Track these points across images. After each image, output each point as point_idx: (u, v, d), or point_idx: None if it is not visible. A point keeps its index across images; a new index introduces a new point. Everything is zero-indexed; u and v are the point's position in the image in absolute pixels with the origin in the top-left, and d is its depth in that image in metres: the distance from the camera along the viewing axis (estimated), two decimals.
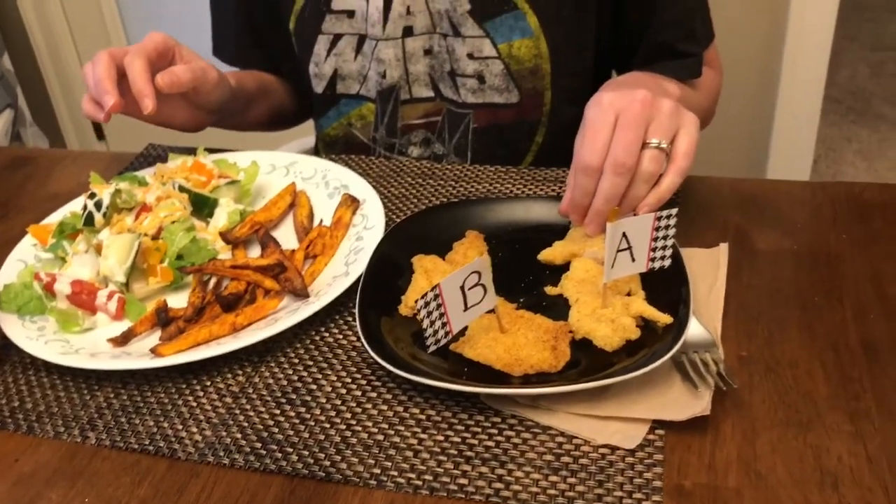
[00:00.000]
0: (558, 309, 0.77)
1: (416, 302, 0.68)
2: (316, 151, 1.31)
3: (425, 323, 0.69)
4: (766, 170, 2.34)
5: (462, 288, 0.69)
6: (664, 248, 0.75)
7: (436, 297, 0.68)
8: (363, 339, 0.74)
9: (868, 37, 3.64)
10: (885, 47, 3.55)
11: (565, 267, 0.82)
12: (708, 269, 0.82)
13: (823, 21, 2.14)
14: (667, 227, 0.74)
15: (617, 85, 0.84)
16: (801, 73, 2.21)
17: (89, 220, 0.89)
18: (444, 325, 0.70)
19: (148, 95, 0.92)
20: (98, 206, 0.89)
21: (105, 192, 0.90)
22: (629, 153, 0.77)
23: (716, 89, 1.16)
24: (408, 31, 1.08)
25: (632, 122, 0.78)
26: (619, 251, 0.73)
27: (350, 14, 1.10)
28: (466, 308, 0.70)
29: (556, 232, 0.86)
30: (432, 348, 0.70)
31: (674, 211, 0.74)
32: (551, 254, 0.83)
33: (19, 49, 2.72)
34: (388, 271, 0.84)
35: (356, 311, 0.78)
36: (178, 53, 1.00)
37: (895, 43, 3.59)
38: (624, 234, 0.73)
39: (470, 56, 1.08)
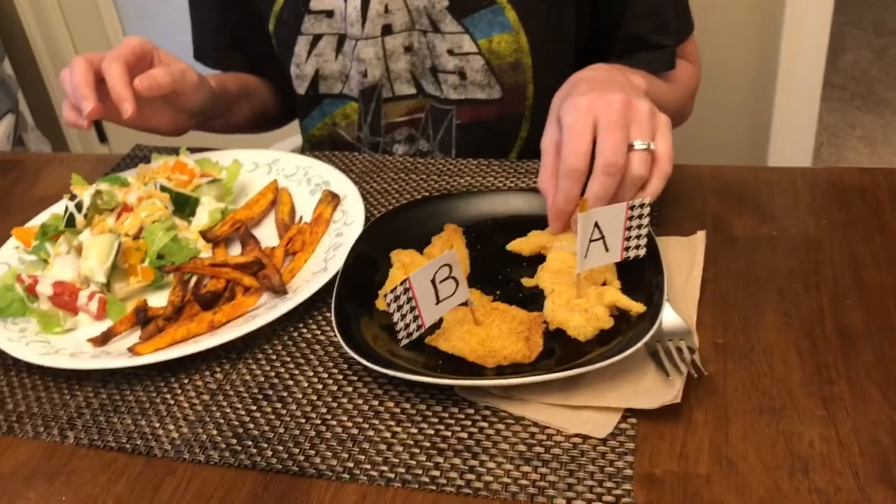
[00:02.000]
0: (535, 300, 0.77)
1: (385, 295, 0.68)
2: (303, 152, 1.31)
3: (396, 317, 0.69)
4: (766, 158, 2.33)
5: (433, 281, 0.69)
6: (639, 237, 0.75)
7: (406, 290, 0.68)
8: (338, 334, 0.74)
9: (871, 22, 3.61)
10: (888, 32, 3.53)
11: (542, 258, 0.82)
12: (685, 258, 0.82)
13: (821, 5, 2.12)
14: (640, 216, 0.74)
15: (588, 84, 0.83)
16: (800, 59, 2.19)
17: (70, 222, 0.90)
18: (415, 318, 0.70)
19: (127, 99, 0.93)
20: (79, 207, 0.90)
21: (85, 194, 0.91)
22: (620, 153, 0.76)
23: (692, 84, 1.15)
24: (387, 30, 1.08)
25: (615, 124, 0.77)
26: (591, 241, 0.73)
27: (329, 14, 1.10)
28: (438, 301, 0.71)
29: (535, 224, 0.86)
30: (404, 342, 0.70)
31: (647, 200, 0.74)
32: (519, 245, 0.83)
33: (20, 54, 2.74)
34: (366, 266, 0.84)
35: (332, 306, 0.78)
36: (156, 57, 1.00)
37: None
38: (596, 224, 0.73)
39: (450, 52, 1.08)
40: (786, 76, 2.21)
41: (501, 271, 0.83)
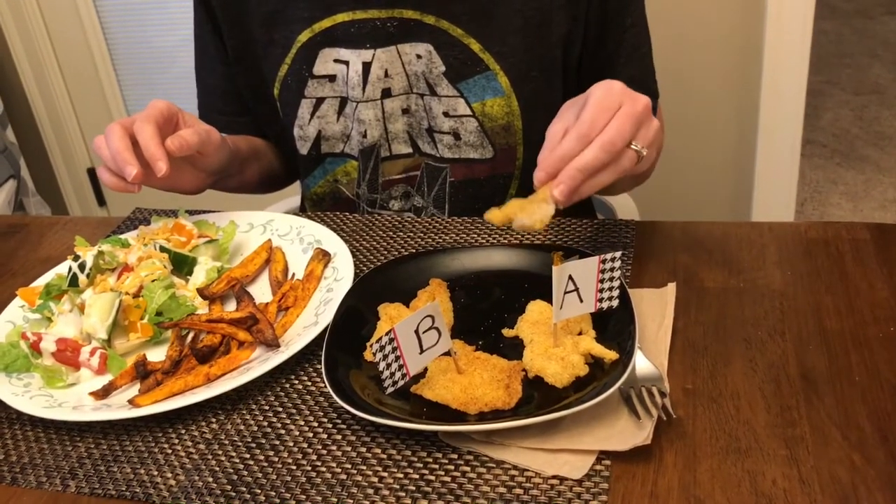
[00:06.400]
0: (514, 349, 0.82)
1: (371, 346, 0.72)
2: (303, 209, 1.37)
3: (381, 366, 0.73)
4: (750, 214, 2.39)
5: (417, 331, 0.74)
6: (611, 288, 0.80)
7: (391, 340, 0.72)
8: (328, 384, 0.78)
9: (849, 81, 3.72)
10: (866, 91, 3.63)
11: (522, 309, 0.86)
12: (657, 308, 0.86)
13: (797, 66, 2.20)
14: (612, 269, 0.79)
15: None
16: (779, 118, 2.27)
17: (73, 281, 0.94)
18: (400, 367, 0.74)
19: (161, 159, 0.97)
20: (82, 267, 0.94)
21: (88, 254, 0.95)
22: (623, 140, 0.83)
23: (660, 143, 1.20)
24: (386, 93, 1.14)
25: (632, 117, 0.83)
26: (566, 293, 0.78)
27: (331, 78, 1.16)
28: (422, 351, 0.75)
29: (516, 277, 0.91)
30: (390, 390, 0.74)
31: (618, 254, 0.78)
32: (493, 214, 0.86)
33: (22, 121, 2.81)
34: (355, 320, 0.88)
35: (322, 358, 0.82)
36: (181, 119, 1.06)
37: (876, 87, 3.67)
38: (570, 277, 0.78)
39: (446, 114, 1.14)
40: (766, 135, 2.28)
41: (483, 323, 0.87)
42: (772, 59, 2.18)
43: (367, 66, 1.13)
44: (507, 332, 0.85)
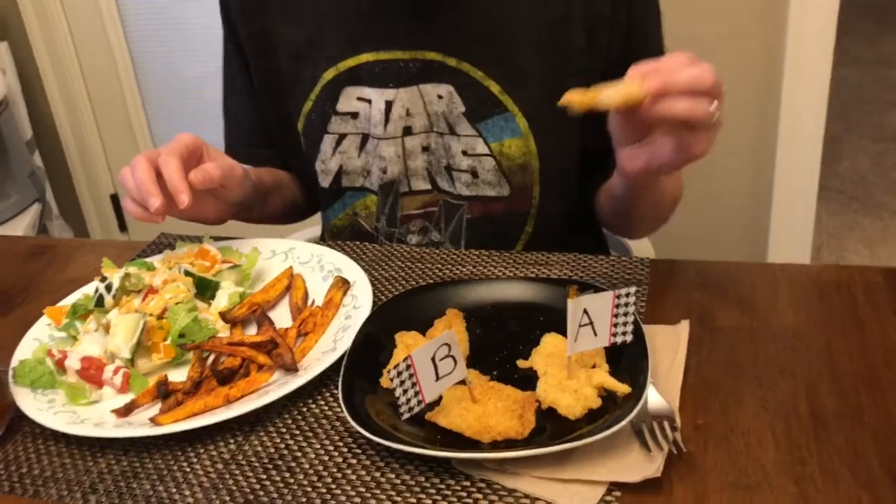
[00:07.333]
0: (528, 381, 0.83)
1: (388, 372, 0.74)
2: (322, 240, 1.39)
3: (398, 392, 0.75)
4: (766, 259, 2.40)
5: (433, 359, 0.75)
6: (625, 323, 0.81)
7: (408, 367, 0.74)
8: (344, 409, 0.80)
9: (868, 128, 3.73)
10: (885, 138, 3.65)
11: (536, 341, 0.87)
12: (670, 345, 0.88)
13: (815, 112, 2.22)
14: (626, 304, 0.80)
15: None
16: (796, 164, 2.28)
17: (100, 302, 0.97)
18: (416, 393, 0.76)
19: (184, 191, 1.00)
20: (108, 288, 0.97)
21: (115, 276, 0.98)
22: (711, 77, 0.82)
23: (679, 191, 1.21)
24: (407, 131, 1.17)
25: (714, 75, 0.83)
26: (581, 326, 0.80)
27: (354, 115, 1.19)
28: (438, 378, 0.76)
29: (531, 309, 0.93)
30: (406, 416, 0.76)
31: (632, 289, 0.80)
32: (570, 96, 0.84)
33: (50, 146, 2.87)
34: (372, 347, 0.90)
35: (339, 383, 0.84)
36: (206, 152, 1.09)
37: (895, 134, 3.69)
38: (585, 311, 0.79)
39: (464, 153, 1.16)
40: (783, 180, 2.30)
41: (498, 353, 0.89)
42: (789, 104, 2.20)
43: (389, 105, 1.16)
44: (521, 363, 0.86)
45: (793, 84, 2.17)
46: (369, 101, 1.17)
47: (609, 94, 0.82)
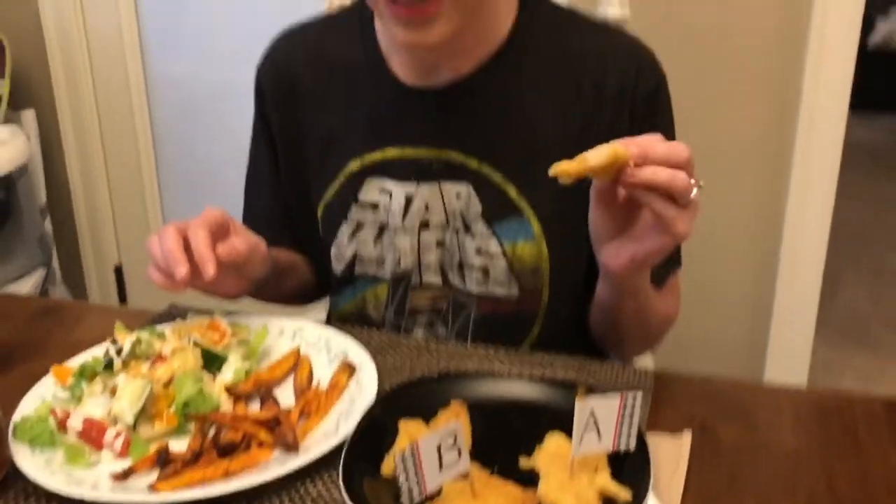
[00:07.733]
0: (530, 479, 0.83)
1: (392, 457, 0.74)
2: (328, 323, 1.40)
3: (401, 478, 0.74)
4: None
5: (439, 448, 0.76)
6: (630, 429, 0.82)
7: (413, 454, 0.74)
8: (343, 491, 0.79)
9: (868, 263, 3.79)
10: (884, 274, 3.70)
11: (538, 441, 0.88)
12: (671, 455, 0.88)
13: (816, 247, 2.28)
14: (633, 407, 0.81)
15: None
16: (795, 298, 2.32)
17: (109, 365, 0.97)
18: (418, 482, 0.75)
19: (210, 261, 1.02)
20: (119, 352, 0.98)
21: (127, 340, 0.99)
22: (686, 153, 0.87)
23: (673, 312, 1.21)
24: (424, 225, 1.20)
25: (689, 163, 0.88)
26: (586, 428, 0.80)
27: (374, 206, 1.22)
28: (442, 468, 0.76)
29: (536, 409, 0.93)
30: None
31: (639, 393, 0.81)
32: (560, 167, 0.87)
33: (61, 212, 2.91)
34: (374, 433, 0.90)
35: (340, 467, 0.84)
36: (232, 227, 1.11)
37: (894, 270, 3.74)
38: (592, 413, 0.80)
39: (478, 251, 1.19)
40: (780, 313, 2.33)
41: (500, 450, 0.88)
42: (791, 238, 2.25)
43: (409, 198, 1.19)
44: (523, 461, 0.86)
45: (795, 217, 2.24)
46: (390, 194, 1.20)
47: (596, 153, 0.86)
